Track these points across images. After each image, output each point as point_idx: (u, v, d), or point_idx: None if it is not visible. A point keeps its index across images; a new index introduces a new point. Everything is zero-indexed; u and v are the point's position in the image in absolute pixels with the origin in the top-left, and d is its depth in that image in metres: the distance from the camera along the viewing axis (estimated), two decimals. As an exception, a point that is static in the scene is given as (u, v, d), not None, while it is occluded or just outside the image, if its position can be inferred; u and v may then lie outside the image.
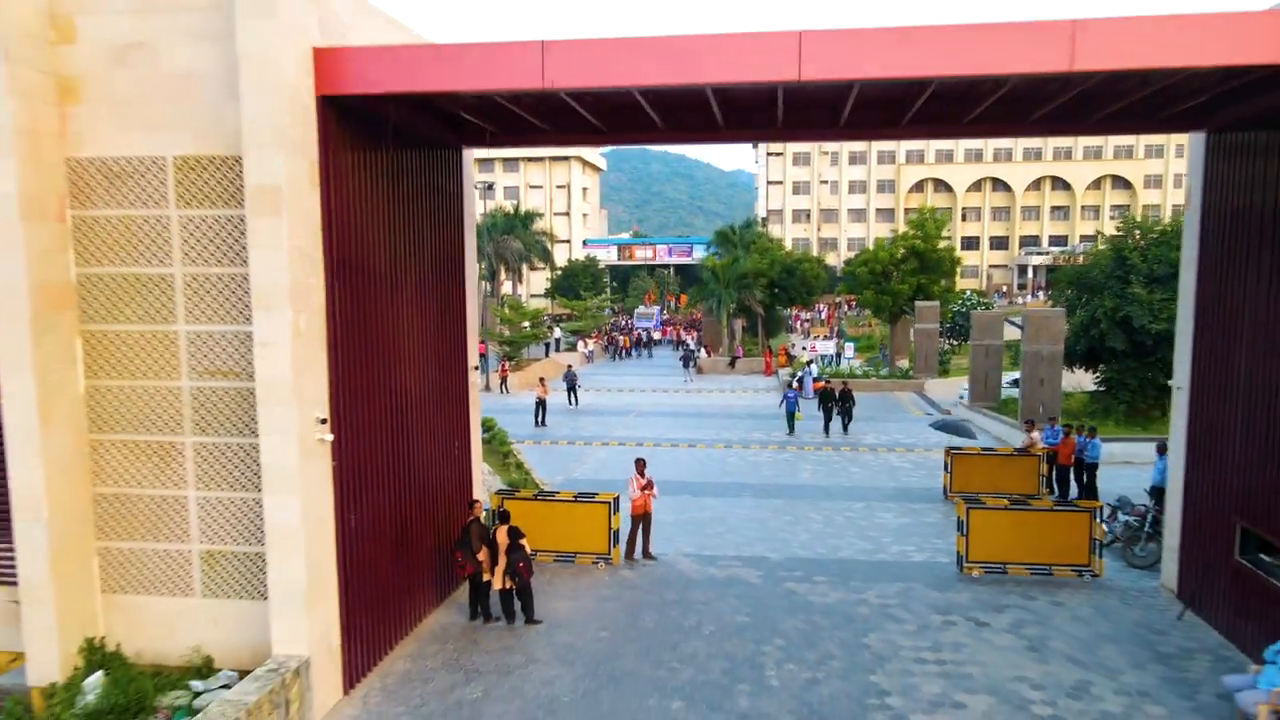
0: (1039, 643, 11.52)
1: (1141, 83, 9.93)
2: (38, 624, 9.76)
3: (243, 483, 9.99)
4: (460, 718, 9.72)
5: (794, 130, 13.47)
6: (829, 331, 65.58)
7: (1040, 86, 10.52)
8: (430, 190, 12.65)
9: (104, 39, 9.49)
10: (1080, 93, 10.64)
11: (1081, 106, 11.52)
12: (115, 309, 9.93)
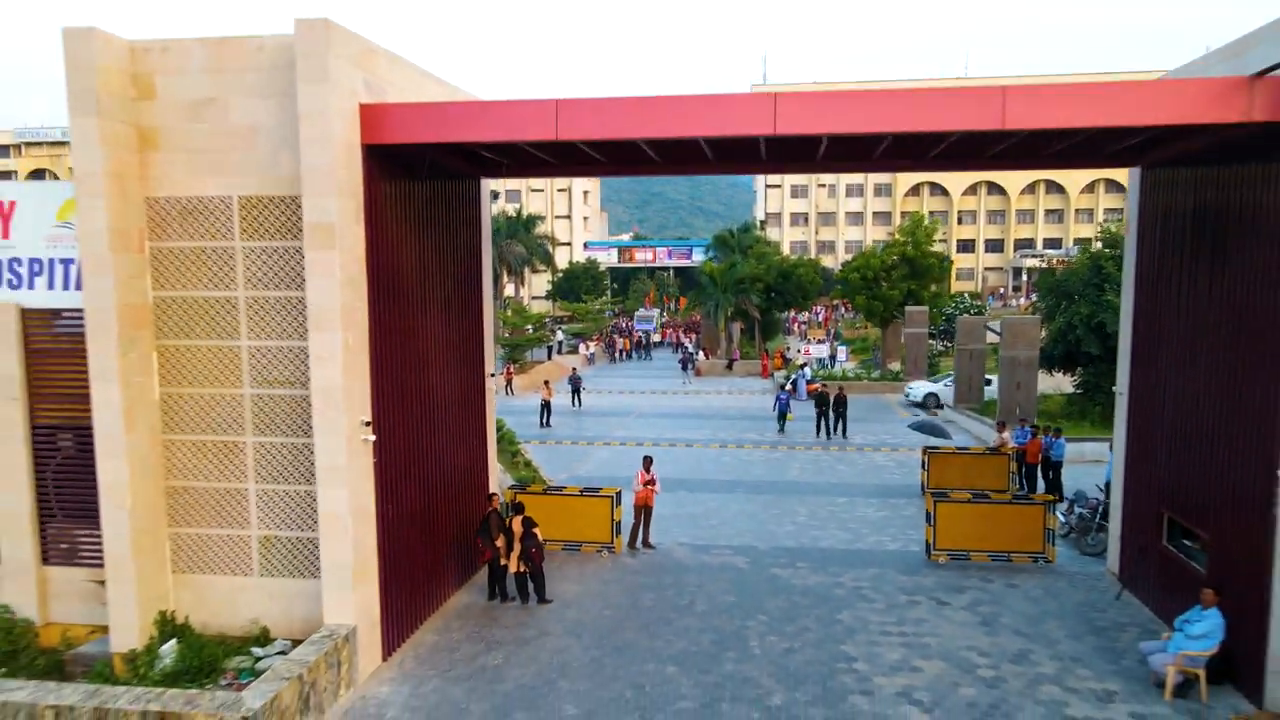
0: (991, 618, 13.13)
1: (1068, 134, 11.53)
2: (120, 598, 11.36)
3: (295, 477, 11.58)
4: (484, 679, 11.32)
5: (777, 164, 15.06)
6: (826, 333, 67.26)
7: (985, 135, 12.13)
8: (452, 216, 14.25)
9: (179, 96, 11.09)
10: (1027, 137, 12.24)
11: (1030, 147, 13.13)
12: (186, 327, 11.53)
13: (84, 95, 10.61)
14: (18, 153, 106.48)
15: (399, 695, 10.93)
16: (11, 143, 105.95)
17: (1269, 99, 9.61)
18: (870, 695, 10.80)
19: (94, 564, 12.26)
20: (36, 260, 11.88)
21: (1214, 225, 11.60)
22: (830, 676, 11.30)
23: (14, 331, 11.85)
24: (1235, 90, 9.75)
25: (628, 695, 10.83)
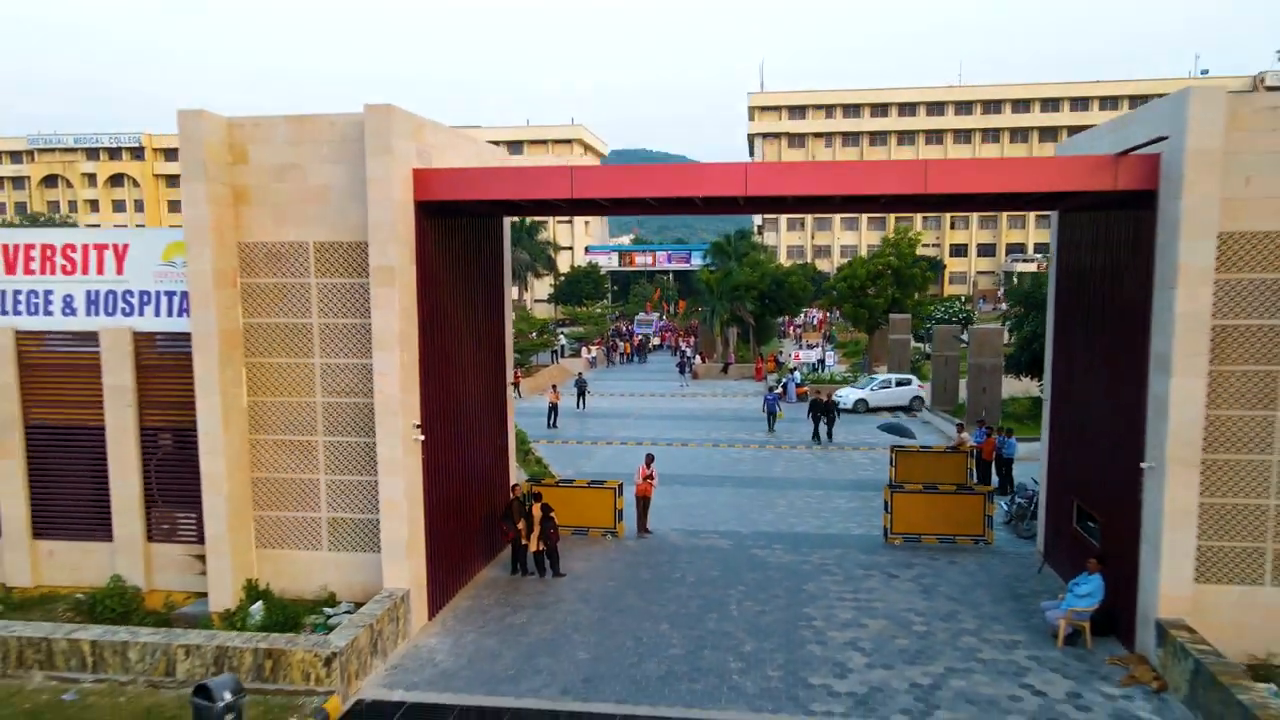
0: (930, 588, 15.85)
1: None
2: (218, 568, 14.09)
3: (358, 469, 14.30)
4: (512, 634, 14.04)
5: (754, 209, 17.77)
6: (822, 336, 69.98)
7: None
8: (480, 251, 16.97)
9: (267, 162, 13.82)
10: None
11: (961, 200, 15.85)
12: (270, 347, 14.25)
13: (194, 164, 13.34)
14: (30, 158, 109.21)
15: (444, 645, 13.66)
16: (24, 149, 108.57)
17: (1129, 173, 12.33)
18: (824, 644, 13.52)
19: (189, 541, 15.02)
20: (145, 292, 14.60)
21: (1103, 259, 14.33)
22: (793, 631, 14.02)
23: (128, 351, 14.58)
24: (1105, 166, 12.48)
25: (628, 645, 13.55)
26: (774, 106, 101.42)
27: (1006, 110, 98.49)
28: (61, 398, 15.02)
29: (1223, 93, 11.72)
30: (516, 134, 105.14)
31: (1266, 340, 12.06)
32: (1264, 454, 12.25)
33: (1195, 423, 11.94)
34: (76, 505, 15.22)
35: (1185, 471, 12.02)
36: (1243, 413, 12.20)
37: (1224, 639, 12.05)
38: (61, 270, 14.70)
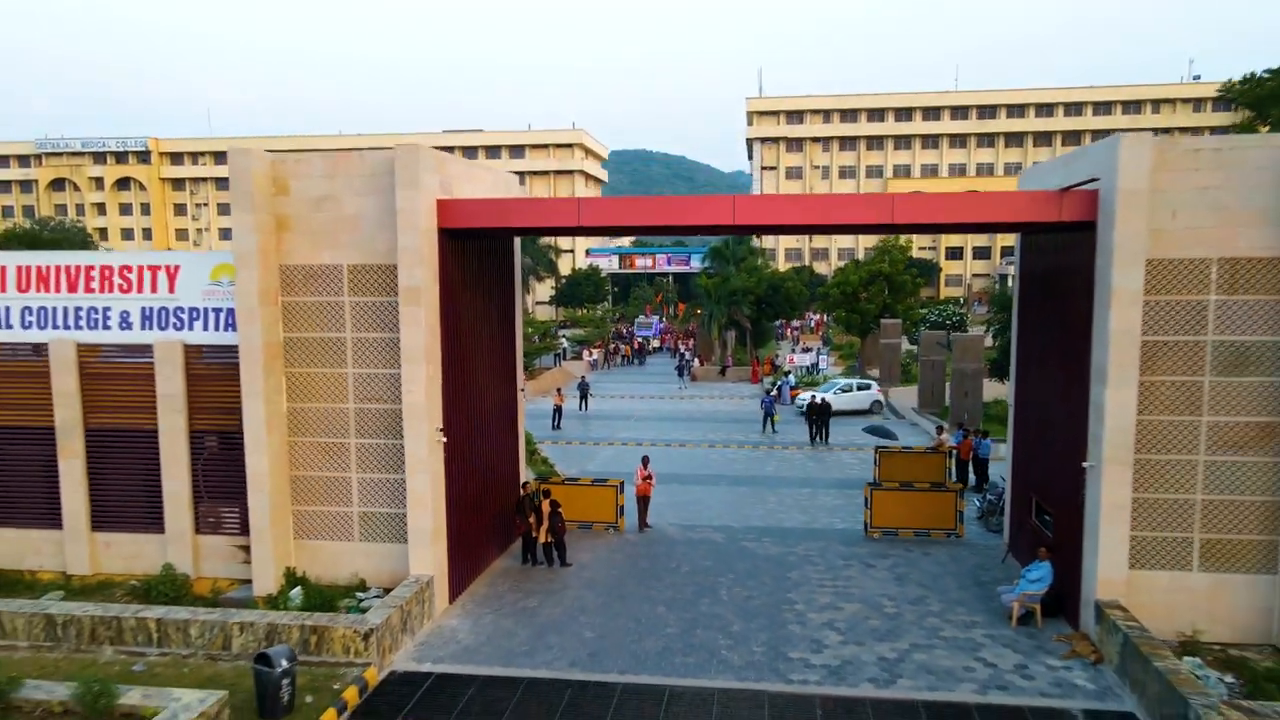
0: (903, 576, 17.53)
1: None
2: (261, 556, 15.76)
3: (386, 468, 15.96)
4: (525, 615, 15.71)
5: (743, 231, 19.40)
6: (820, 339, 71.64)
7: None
8: (494, 268, 18.64)
9: (306, 194, 15.49)
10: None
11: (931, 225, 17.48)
12: (308, 358, 15.92)
13: (242, 196, 15.03)
14: (38, 162, 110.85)
15: (464, 625, 15.34)
16: (32, 153, 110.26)
17: (1072, 207, 14.01)
18: (803, 624, 15.20)
19: (232, 533, 16.70)
20: (195, 309, 16.28)
21: (1055, 278, 16.01)
22: (777, 613, 15.70)
23: (179, 362, 16.26)
24: (1052, 200, 14.16)
25: (629, 625, 15.23)
26: (772, 111, 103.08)
27: (1001, 115, 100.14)
28: (118, 404, 16.69)
29: (1150, 139, 13.37)
30: (519, 138, 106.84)
31: (1190, 354, 13.73)
32: (1190, 454, 13.92)
33: (1128, 427, 13.61)
34: (131, 501, 16.89)
35: (1120, 470, 13.69)
36: (1171, 418, 13.87)
37: (1156, 618, 13.73)
38: (119, 289, 16.38)
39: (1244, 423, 13.74)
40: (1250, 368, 13.63)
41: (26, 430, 16.87)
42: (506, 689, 12.97)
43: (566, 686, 13.04)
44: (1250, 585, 13.95)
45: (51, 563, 17.13)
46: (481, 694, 12.85)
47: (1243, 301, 13.53)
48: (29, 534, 17.10)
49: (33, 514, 17.04)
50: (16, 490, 17.12)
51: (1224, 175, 13.37)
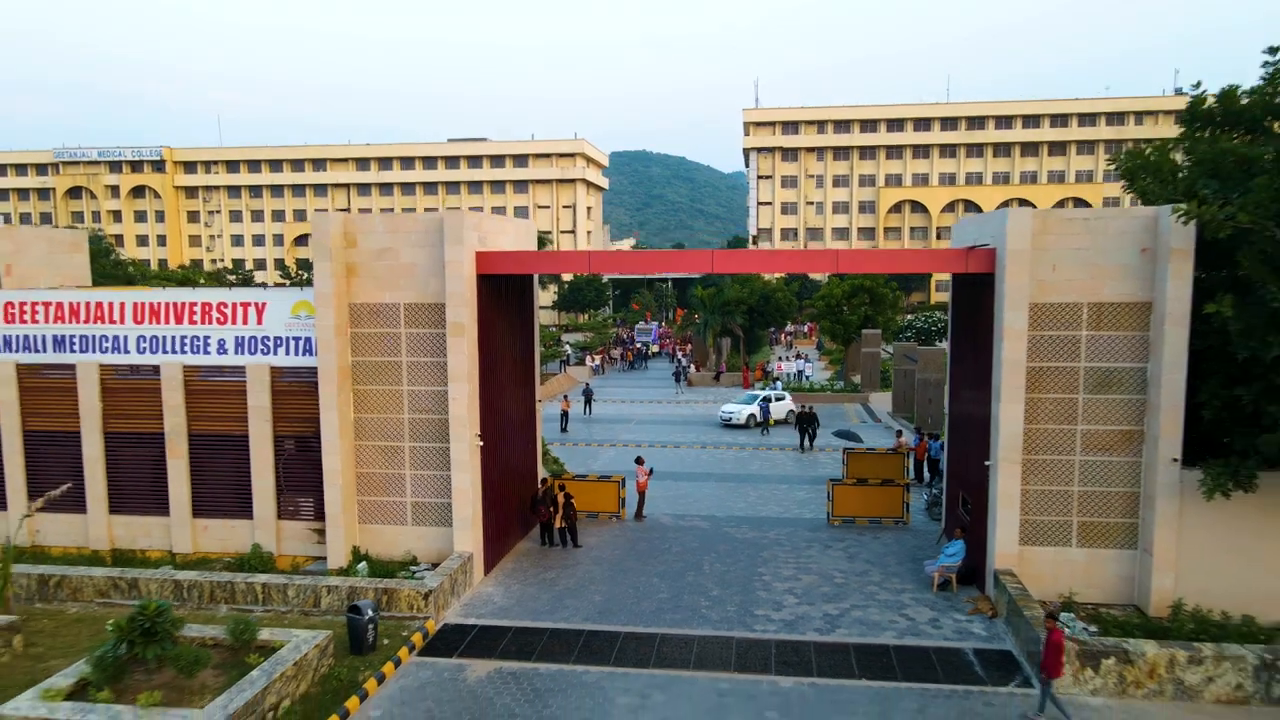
0: (854, 554, 21.53)
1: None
2: (334, 537, 19.75)
3: (434, 466, 19.93)
4: (546, 585, 19.70)
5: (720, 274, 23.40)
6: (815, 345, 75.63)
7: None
8: (517, 301, 22.63)
9: (370, 246, 19.49)
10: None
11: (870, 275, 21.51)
12: (370, 377, 19.91)
13: (321, 249, 19.03)
14: (55, 171, 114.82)
15: (497, 592, 19.34)
16: (50, 161, 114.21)
17: (976, 261, 18.01)
18: (769, 591, 19.20)
19: (308, 519, 20.69)
20: (279, 338, 20.26)
21: (972, 315, 20.00)
22: (748, 583, 19.70)
23: (266, 380, 20.26)
24: (960, 256, 18.16)
25: (630, 591, 19.23)
26: (768, 122, 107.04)
27: (990, 126, 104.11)
28: (215, 414, 20.68)
29: (1031, 212, 17.34)
30: (523, 148, 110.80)
31: (1067, 377, 17.71)
32: (1068, 455, 17.89)
33: (1017, 434, 17.60)
34: (225, 492, 20.88)
35: (1011, 467, 17.68)
36: (1053, 426, 17.85)
37: (1043, 584, 17.72)
38: (217, 320, 20.37)
39: (1109, 430, 17.72)
40: (1113, 388, 17.61)
41: (141, 435, 20.87)
42: (534, 636, 16.98)
43: (581, 634, 17.04)
44: (1116, 558, 17.92)
45: (159, 543, 21.14)
46: (516, 639, 16.86)
47: (1107, 336, 17.50)
48: (142, 520, 21.12)
49: (145, 504, 21.05)
50: (133, 485, 21.12)
51: (1092, 239, 17.35)
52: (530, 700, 14.50)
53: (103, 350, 20.71)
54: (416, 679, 15.33)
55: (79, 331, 20.69)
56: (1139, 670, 14.49)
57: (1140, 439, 17.53)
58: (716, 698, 14.54)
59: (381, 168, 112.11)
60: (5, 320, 20.89)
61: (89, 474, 21.00)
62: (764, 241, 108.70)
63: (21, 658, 15.69)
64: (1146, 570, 17.41)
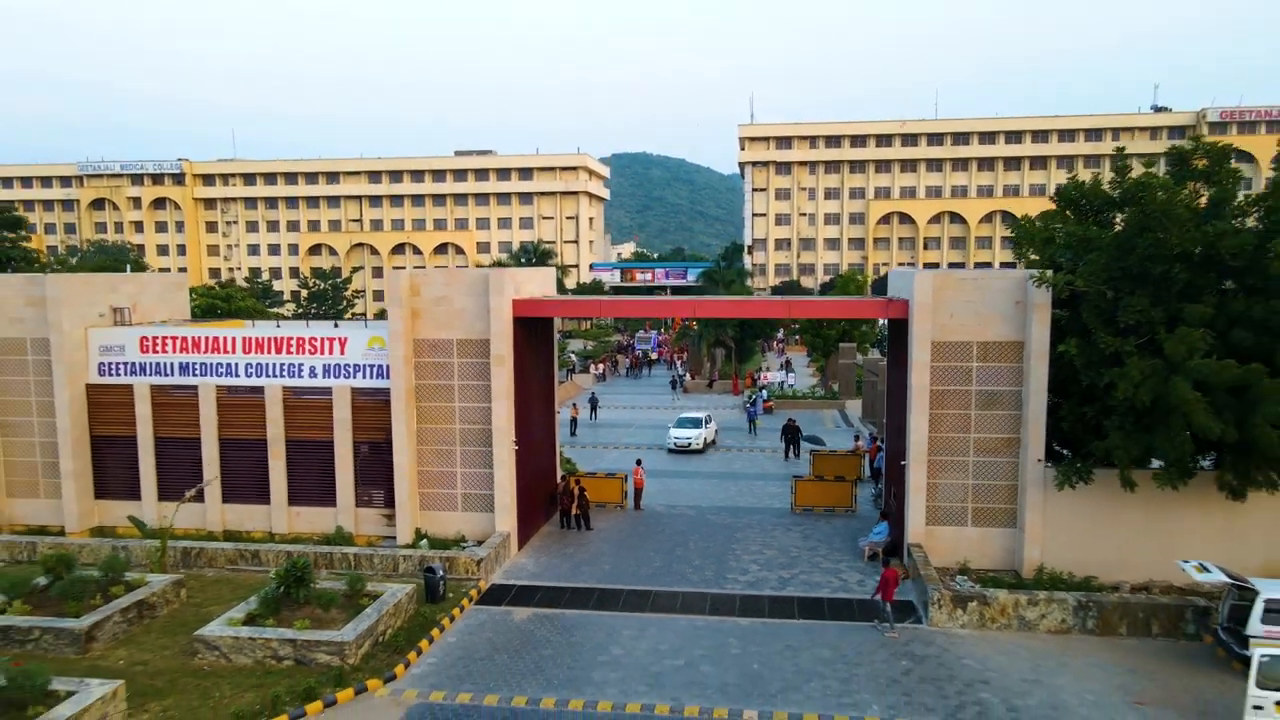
0: (808, 534, 27.52)
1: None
2: (402, 521, 25.73)
3: (479, 465, 25.88)
4: (566, 557, 25.68)
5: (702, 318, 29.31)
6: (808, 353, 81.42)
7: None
8: (542, 334, 28.58)
9: (429, 295, 25.46)
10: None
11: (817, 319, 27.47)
12: (430, 396, 25.84)
13: (394, 297, 25.00)
14: (79, 184, 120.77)
15: (529, 562, 25.32)
16: (74, 174, 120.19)
17: (894, 310, 24.00)
18: (738, 561, 25.17)
19: (379, 506, 26.65)
20: (357, 365, 26.21)
21: (897, 348, 25.96)
22: (723, 555, 25.67)
23: (348, 399, 26.21)
24: (880, 305, 24.16)
25: (631, 562, 25.22)
26: (762, 137, 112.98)
27: (974, 142, 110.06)
28: (307, 424, 26.63)
29: (933, 274, 23.29)
30: (528, 161, 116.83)
31: (963, 397, 23.62)
32: (964, 456, 23.79)
33: (924, 440, 23.51)
34: (314, 485, 26.82)
35: (920, 466, 23.61)
36: (951, 435, 23.76)
37: (945, 555, 23.65)
38: (309, 351, 26.32)
39: (994, 438, 23.63)
40: (996, 405, 23.53)
41: (249, 441, 26.82)
42: (559, 592, 22.95)
43: (594, 591, 23.01)
44: (1000, 535, 23.84)
45: (262, 526, 27.10)
46: (545, 594, 22.83)
47: (991, 366, 23.42)
48: (249, 507, 27.08)
49: (252, 494, 27.01)
50: (242, 480, 27.09)
51: (979, 294, 23.28)
52: (560, 633, 20.47)
53: (218, 374, 26.69)
54: (476, 619, 21.31)
55: (200, 360, 26.68)
56: (994, 610, 20.50)
57: (1017, 444, 23.46)
58: (693, 630, 20.52)
59: (392, 180, 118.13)
60: (141, 351, 26.88)
61: (207, 472, 26.96)
62: (759, 250, 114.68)
63: (188, 605, 21.68)
64: (1020, 544, 23.33)
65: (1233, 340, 20.13)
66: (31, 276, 27.81)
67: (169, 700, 16.74)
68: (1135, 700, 16.97)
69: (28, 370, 27.10)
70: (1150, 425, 20.37)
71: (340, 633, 18.40)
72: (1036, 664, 18.62)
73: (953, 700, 17.06)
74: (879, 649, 19.50)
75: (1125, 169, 22.84)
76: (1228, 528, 21.95)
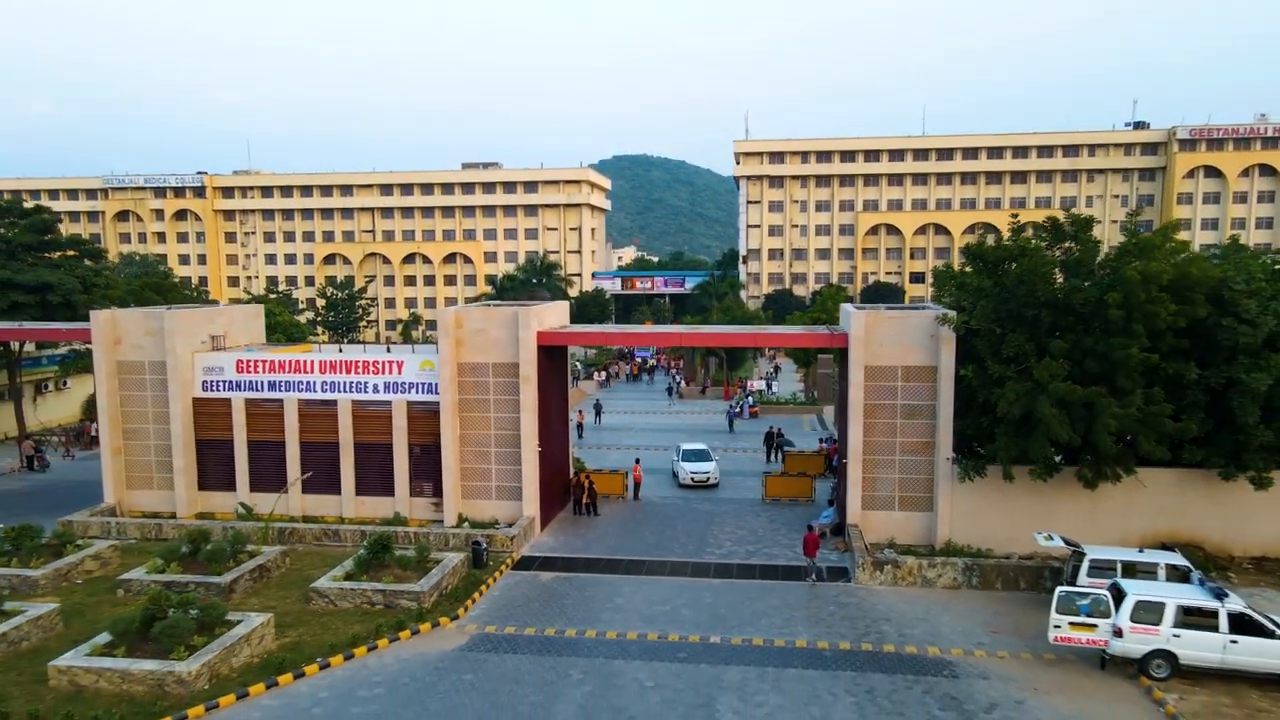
0: (774, 518, 34.49)
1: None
2: (448, 508, 32.69)
3: (509, 462, 32.80)
4: (578, 536, 32.64)
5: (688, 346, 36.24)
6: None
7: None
8: (558, 358, 35.52)
9: (471, 328, 32.43)
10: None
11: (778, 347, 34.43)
12: (471, 407, 32.81)
13: (445, 330, 31.97)
14: (104, 196, 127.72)
15: (550, 539, 32.30)
16: (99, 187, 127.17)
17: (837, 340, 30.94)
18: (715, 539, 32.13)
19: (428, 496, 33.61)
20: (412, 383, 33.16)
21: (842, 366, 32.87)
22: (703, 535, 32.64)
23: (404, 410, 33.15)
24: (824, 336, 31.12)
25: (631, 539, 32.18)
26: (756, 152, 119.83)
27: (958, 157, 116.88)
28: (371, 430, 33.56)
29: (866, 312, 30.20)
30: (533, 175, 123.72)
31: (891, 410, 30.45)
32: (891, 456, 30.69)
33: (860, 443, 30.40)
34: (376, 479, 33.75)
35: (856, 463, 30.51)
36: (882, 439, 30.61)
37: (878, 533, 30.56)
38: (373, 371, 33.25)
39: (915, 441, 30.49)
40: (916, 416, 30.39)
41: (324, 444, 33.75)
42: (575, 562, 29.91)
43: (601, 560, 29.97)
44: (920, 517, 30.71)
45: (333, 512, 34.04)
46: (565, 562, 29.79)
47: (912, 385, 30.28)
48: (324, 497, 34.02)
49: (326, 487, 33.95)
50: (319, 476, 34.02)
51: (902, 328, 30.18)
52: (576, 589, 27.39)
53: (299, 390, 33.64)
54: (512, 580, 28.24)
55: (285, 379, 33.63)
56: (904, 571, 27.45)
57: (932, 446, 30.35)
58: (677, 588, 27.44)
59: (403, 193, 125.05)
60: (237, 371, 33.83)
61: (290, 470, 33.88)
62: (753, 260, 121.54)
63: (292, 569, 28.62)
64: (934, 524, 30.23)
65: (1085, 368, 26.98)
66: (149, 311, 34.79)
67: (300, 629, 23.70)
68: (990, 630, 23.91)
69: (146, 387, 34.09)
70: (1025, 433, 27.26)
71: (418, 585, 25.36)
72: (928, 608, 25.56)
73: (860, 631, 24.00)
74: (815, 600, 26.45)
75: (1019, 230, 29.78)
76: (1089, 510, 28.84)
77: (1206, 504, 28.52)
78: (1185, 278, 26.55)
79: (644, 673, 21.51)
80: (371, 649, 22.74)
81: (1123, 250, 27.76)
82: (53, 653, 21.70)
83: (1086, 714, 19.39)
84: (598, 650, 22.83)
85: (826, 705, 19.78)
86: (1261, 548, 28.62)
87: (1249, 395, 26.15)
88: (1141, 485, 28.03)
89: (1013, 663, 22.05)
